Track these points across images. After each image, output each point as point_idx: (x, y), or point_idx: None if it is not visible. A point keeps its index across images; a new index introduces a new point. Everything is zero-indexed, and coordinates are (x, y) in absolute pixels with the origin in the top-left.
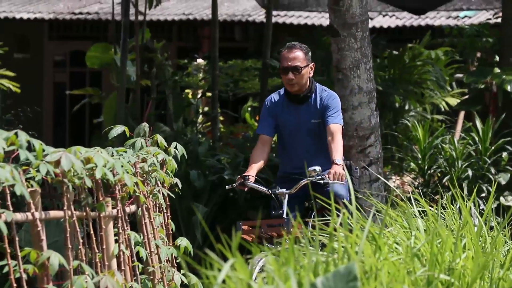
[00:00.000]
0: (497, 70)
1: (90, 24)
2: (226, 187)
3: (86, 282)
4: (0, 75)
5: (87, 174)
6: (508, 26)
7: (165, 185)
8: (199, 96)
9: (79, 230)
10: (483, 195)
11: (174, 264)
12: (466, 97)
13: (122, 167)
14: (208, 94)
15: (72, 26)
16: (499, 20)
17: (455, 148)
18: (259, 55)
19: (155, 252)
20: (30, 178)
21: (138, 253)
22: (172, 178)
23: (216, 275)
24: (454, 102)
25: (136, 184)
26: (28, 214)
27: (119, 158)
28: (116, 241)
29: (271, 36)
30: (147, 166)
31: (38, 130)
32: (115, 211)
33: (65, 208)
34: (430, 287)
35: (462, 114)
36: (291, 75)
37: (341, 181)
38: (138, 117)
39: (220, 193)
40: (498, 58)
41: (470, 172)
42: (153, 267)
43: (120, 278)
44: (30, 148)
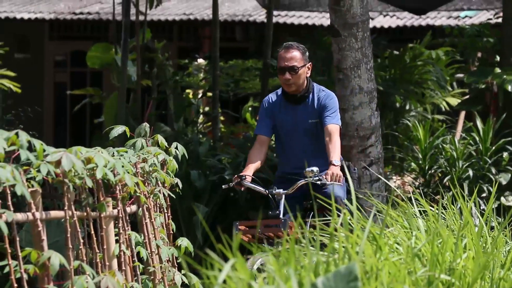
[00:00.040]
0: (497, 70)
1: (91, 24)
2: (222, 186)
3: (87, 282)
4: (0, 75)
5: (88, 174)
6: (508, 26)
7: (165, 185)
8: (199, 96)
9: (79, 230)
10: (484, 195)
11: (175, 264)
12: (467, 97)
13: (122, 167)
14: (209, 94)
15: (73, 26)
16: (500, 20)
17: (456, 148)
18: (260, 55)
19: (156, 252)
20: (31, 178)
21: (138, 253)
22: (172, 178)
23: (217, 275)
24: (455, 102)
25: (137, 184)
26: (29, 214)
27: (119, 158)
28: (116, 241)
29: (271, 36)
30: (147, 166)
31: (39, 130)
32: (115, 211)
33: (65, 208)
34: (431, 287)
35: (462, 114)
36: (288, 75)
37: (338, 182)
38: (138, 117)
39: (220, 193)
40: (498, 58)
41: (470, 172)
42: (153, 267)
43: (121, 278)
44: (31, 148)
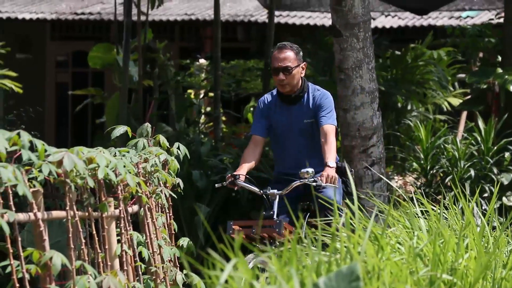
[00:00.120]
0: (499, 70)
1: (92, 24)
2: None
3: (89, 282)
4: (2, 75)
5: (90, 174)
6: (510, 26)
7: (167, 185)
8: (201, 96)
9: (81, 230)
10: (486, 195)
11: (177, 264)
12: (469, 97)
13: (124, 167)
14: (210, 94)
15: (74, 27)
16: (502, 20)
17: (458, 148)
18: (261, 55)
19: (158, 252)
20: (33, 178)
21: (140, 253)
22: (174, 178)
23: (219, 275)
24: (457, 102)
25: (139, 184)
26: (31, 214)
27: (121, 158)
28: (118, 241)
29: (273, 36)
30: (149, 166)
31: (40, 131)
32: (117, 211)
33: (67, 208)
34: (433, 287)
35: (464, 114)
36: (282, 75)
37: (333, 184)
38: (140, 117)
39: (222, 193)
40: (500, 58)
41: (472, 172)
42: (155, 267)
43: (123, 278)
44: (33, 148)
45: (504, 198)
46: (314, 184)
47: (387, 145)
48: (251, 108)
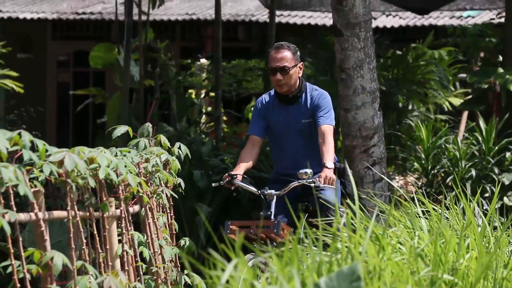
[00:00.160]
0: (500, 70)
1: (94, 24)
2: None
3: (90, 282)
4: (3, 75)
5: (91, 174)
6: (511, 26)
7: (168, 185)
8: (202, 96)
9: (82, 230)
10: (487, 195)
11: (178, 264)
12: (470, 97)
13: (125, 167)
14: (212, 94)
15: (76, 26)
16: (503, 20)
17: (459, 148)
18: (263, 55)
19: (159, 252)
20: (34, 178)
21: (141, 253)
22: (175, 178)
23: (220, 275)
24: (458, 102)
25: (140, 184)
26: (32, 214)
27: (122, 158)
28: (119, 241)
29: (274, 36)
30: (150, 166)
31: (42, 130)
32: (118, 211)
33: (68, 208)
34: (434, 287)
35: (465, 114)
36: (279, 75)
37: (331, 185)
38: (141, 117)
39: (223, 193)
40: (501, 58)
41: (473, 172)
42: (156, 267)
43: (124, 278)
44: (34, 148)
45: (505, 198)
46: (313, 185)
47: (388, 145)
48: (252, 108)
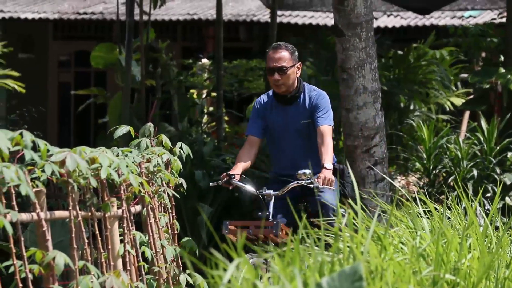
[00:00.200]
0: (502, 70)
1: (95, 24)
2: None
3: (92, 282)
4: (5, 75)
5: (92, 174)
6: None
7: (170, 185)
8: (204, 96)
9: (84, 230)
10: (489, 195)
11: (180, 264)
12: (471, 97)
13: (127, 167)
14: (213, 94)
15: (77, 26)
16: (504, 20)
17: (460, 148)
18: (264, 55)
19: (161, 252)
20: (35, 178)
21: (143, 253)
22: (177, 178)
23: (222, 275)
24: (459, 102)
25: (141, 184)
26: (34, 214)
27: (124, 158)
28: (121, 241)
29: (275, 36)
30: (152, 166)
31: (43, 130)
32: (120, 211)
33: (70, 208)
34: (436, 287)
35: (467, 114)
36: (277, 75)
37: (330, 186)
38: (143, 117)
39: (225, 193)
40: (503, 58)
41: (475, 172)
42: (158, 267)
43: (126, 278)
44: (35, 148)
45: (507, 198)
46: (311, 186)
47: (390, 145)
48: None
